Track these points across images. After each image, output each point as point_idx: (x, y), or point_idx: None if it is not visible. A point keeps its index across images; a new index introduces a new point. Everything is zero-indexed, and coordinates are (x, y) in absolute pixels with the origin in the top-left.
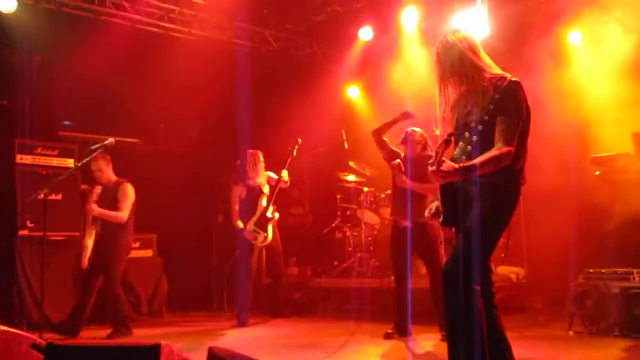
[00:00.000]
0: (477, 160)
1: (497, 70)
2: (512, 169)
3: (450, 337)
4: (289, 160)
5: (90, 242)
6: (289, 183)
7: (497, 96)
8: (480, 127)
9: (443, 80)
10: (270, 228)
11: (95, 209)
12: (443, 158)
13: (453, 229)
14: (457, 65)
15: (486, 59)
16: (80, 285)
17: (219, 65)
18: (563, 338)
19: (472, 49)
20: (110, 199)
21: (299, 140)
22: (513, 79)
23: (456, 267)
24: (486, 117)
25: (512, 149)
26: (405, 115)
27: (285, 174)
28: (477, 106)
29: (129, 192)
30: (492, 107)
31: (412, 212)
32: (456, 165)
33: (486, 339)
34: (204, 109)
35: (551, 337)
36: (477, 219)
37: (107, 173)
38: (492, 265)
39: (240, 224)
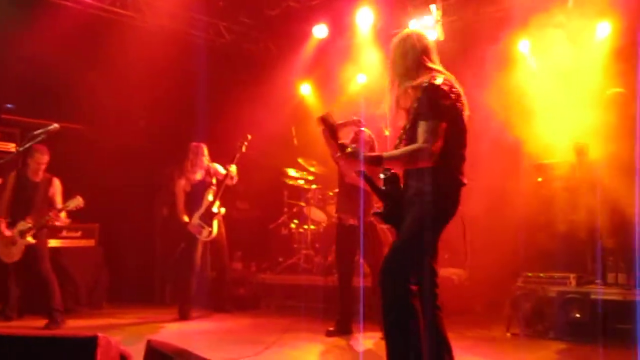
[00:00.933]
0: (386, 153)
1: (440, 73)
2: (443, 171)
3: (387, 336)
4: (237, 155)
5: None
6: (236, 179)
7: (419, 98)
8: (408, 126)
9: (393, 77)
10: (215, 223)
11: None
12: (348, 144)
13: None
14: (406, 63)
15: (435, 61)
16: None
17: (171, 55)
18: (501, 340)
19: (424, 49)
20: (43, 194)
21: (249, 137)
22: (431, 82)
23: (389, 267)
24: (412, 118)
25: (428, 146)
26: (356, 123)
27: (233, 169)
28: (411, 106)
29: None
30: (415, 108)
31: (359, 210)
32: (359, 152)
33: (423, 338)
34: (154, 99)
35: (489, 338)
36: (410, 221)
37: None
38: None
39: (185, 218)
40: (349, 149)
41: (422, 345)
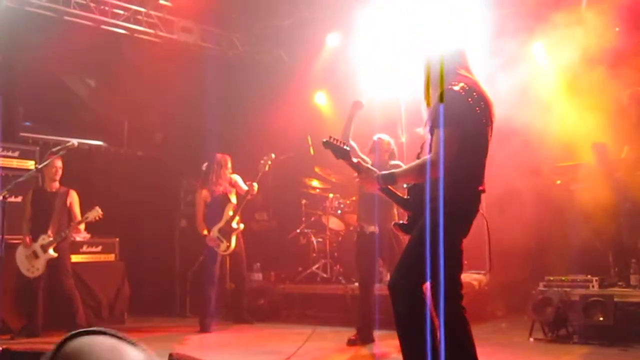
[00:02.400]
0: (397, 170)
1: (464, 79)
2: (460, 179)
3: (402, 345)
4: (260, 174)
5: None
6: (255, 193)
7: (437, 105)
8: (429, 136)
9: (427, 84)
10: (234, 238)
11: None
12: (364, 164)
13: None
14: (437, 70)
15: (465, 65)
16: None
17: (185, 68)
18: (523, 345)
19: (455, 54)
20: (60, 205)
21: (272, 155)
22: (447, 89)
23: (397, 276)
24: (431, 126)
25: (436, 158)
26: (356, 105)
27: (255, 186)
28: (432, 114)
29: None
30: (435, 116)
31: (379, 218)
32: (374, 174)
33: (437, 346)
34: (170, 112)
35: (512, 344)
36: (419, 230)
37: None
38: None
39: (204, 231)
40: (364, 170)
41: (434, 353)
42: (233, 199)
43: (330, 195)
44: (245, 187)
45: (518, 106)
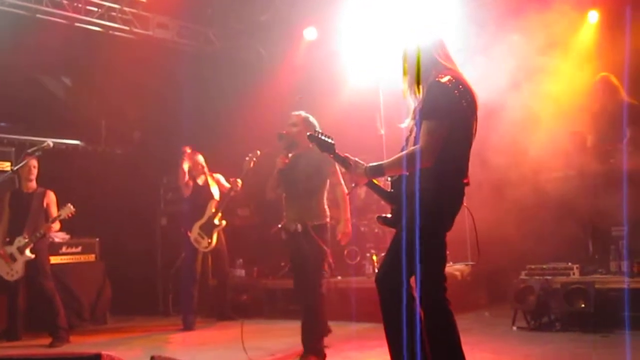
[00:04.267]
0: (384, 162)
1: (448, 71)
2: (443, 171)
3: (387, 338)
4: (245, 171)
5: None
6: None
7: (424, 97)
8: (415, 129)
9: (408, 80)
10: (215, 235)
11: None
12: (351, 158)
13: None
14: (417, 64)
15: (446, 57)
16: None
17: (162, 65)
18: (507, 334)
19: (434, 46)
20: (37, 206)
21: (258, 152)
22: (434, 80)
23: (384, 270)
24: (418, 118)
25: (425, 148)
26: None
27: (239, 183)
28: (417, 106)
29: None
30: (420, 108)
31: (302, 214)
32: (362, 167)
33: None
34: (147, 110)
35: (495, 333)
36: (406, 223)
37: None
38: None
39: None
40: (352, 163)
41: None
42: (215, 193)
43: None
44: (226, 185)
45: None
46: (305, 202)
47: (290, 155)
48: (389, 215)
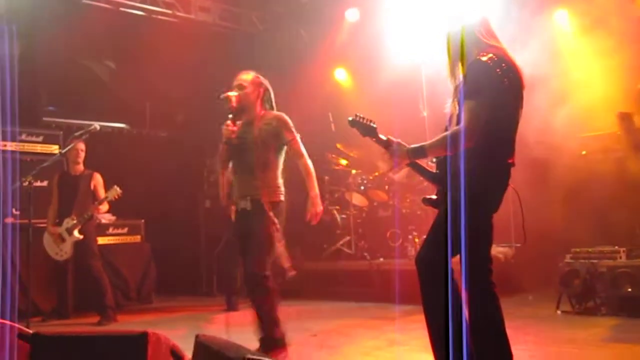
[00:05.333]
0: (427, 143)
1: (492, 49)
2: (488, 151)
3: (427, 320)
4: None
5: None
6: None
7: (465, 76)
8: (458, 109)
9: (452, 59)
10: None
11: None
12: (393, 139)
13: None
14: (462, 42)
15: (490, 35)
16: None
17: (204, 47)
18: (551, 317)
19: (478, 23)
20: (85, 188)
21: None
22: (478, 58)
23: (425, 250)
24: (460, 98)
25: (467, 127)
26: None
27: None
28: (460, 86)
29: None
30: (462, 87)
31: (252, 189)
32: (403, 148)
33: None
34: (190, 92)
35: (539, 316)
36: (450, 203)
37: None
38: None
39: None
40: (394, 144)
41: (460, 329)
42: None
43: (353, 172)
44: None
45: (540, 75)
46: (256, 176)
47: (238, 122)
48: (434, 197)
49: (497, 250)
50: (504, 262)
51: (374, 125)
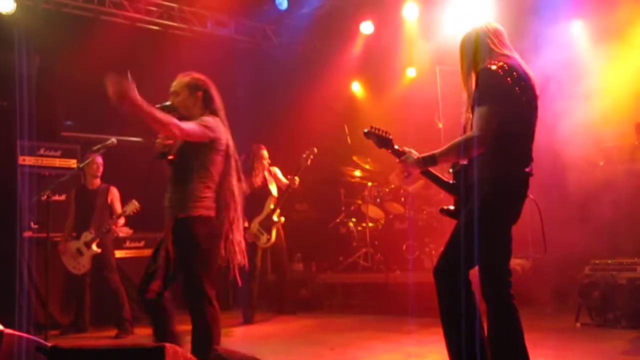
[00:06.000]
0: (437, 150)
1: (503, 57)
2: (503, 160)
3: (445, 333)
4: (302, 168)
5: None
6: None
7: (476, 84)
8: (471, 118)
9: (465, 69)
10: (274, 231)
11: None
12: (406, 149)
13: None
14: (474, 53)
15: (503, 45)
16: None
17: (220, 61)
18: (570, 330)
19: (492, 34)
20: (102, 202)
21: (315, 150)
22: (487, 67)
23: (442, 262)
24: (472, 105)
25: (478, 134)
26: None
27: (297, 180)
28: (473, 94)
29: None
30: (475, 95)
31: (174, 203)
32: (414, 156)
33: (482, 333)
34: None
35: (558, 329)
36: (464, 214)
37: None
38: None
39: (244, 224)
40: (406, 153)
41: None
42: (273, 190)
43: (369, 184)
44: (284, 180)
45: (557, 85)
46: (178, 189)
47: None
48: (451, 207)
49: (515, 262)
50: (521, 274)
51: (390, 137)
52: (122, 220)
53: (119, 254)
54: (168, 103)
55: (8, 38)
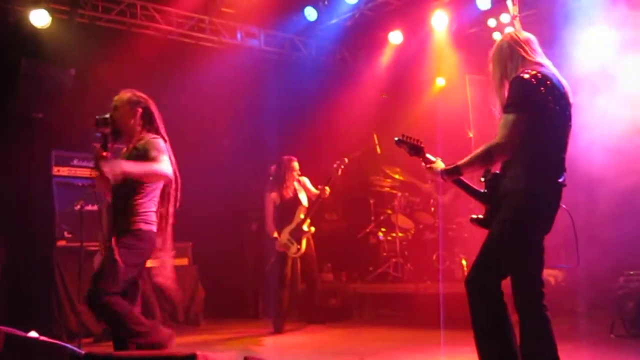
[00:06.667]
0: (461, 161)
1: (536, 66)
2: (534, 171)
3: (477, 344)
4: (332, 178)
5: None
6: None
7: (508, 93)
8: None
9: (497, 80)
10: (304, 241)
11: None
12: (430, 157)
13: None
14: (505, 62)
15: (534, 54)
16: None
17: (250, 72)
18: (604, 341)
19: (523, 43)
20: None
21: (345, 160)
22: (520, 75)
23: (474, 273)
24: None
25: (500, 141)
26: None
27: (327, 190)
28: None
29: None
30: (505, 102)
31: (115, 222)
32: (439, 167)
33: (514, 345)
34: (236, 117)
35: (593, 341)
36: (495, 224)
37: None
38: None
39: (274, 234)
40: (430, 165)
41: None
42: (303, 200)
43: (399, 194)
44: (314, 190)
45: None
46: (119, 207)
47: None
48: (482, 216)
49: (548, 273)
50: (554, 285)
51: (421, 145)
52: None
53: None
54: (107, 115)
55: (43, 51)
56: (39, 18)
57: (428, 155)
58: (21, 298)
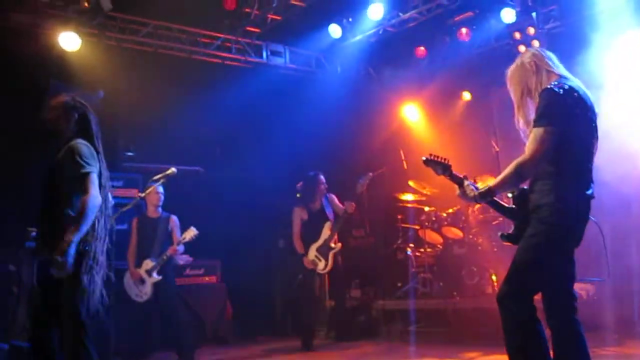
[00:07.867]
0: (493, 183)
1: (562, 79)
2: (562, 183)
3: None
4: (359, 193)
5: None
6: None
7: (537, 106)
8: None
9: (519, 97)
10: (331, 257)
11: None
12: (466, 180)
13: None
14: (530, 77)
15: (557, 68)
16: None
17: (275, 90)
18: (637, 357)
19: (545, 58)
20: (163, 231)
21: (371, 175)
22: (549, 87)
23: (506, 288)
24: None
25: (528, 157)
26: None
27: (353, 206)
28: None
29: None
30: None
31: (44, 235)
32: (472, 193)
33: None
34: (262, 135)
35: (625, 356)
36: (525, 239)
37: None
38: None
39: (302, 250)
40: (463, 187)
41: None
42: (330, 215)
43: (426, 209)
44: (340, 206)
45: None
46: (47, 218)
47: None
48: (511, 232)
49: (579, 287)
50: (586, 299)
51: (449, 164)
52: (181, 248)
53: (179, 281)
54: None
55: (73, 73)
56: (69, 41)
57: (455, 174)
58: None
